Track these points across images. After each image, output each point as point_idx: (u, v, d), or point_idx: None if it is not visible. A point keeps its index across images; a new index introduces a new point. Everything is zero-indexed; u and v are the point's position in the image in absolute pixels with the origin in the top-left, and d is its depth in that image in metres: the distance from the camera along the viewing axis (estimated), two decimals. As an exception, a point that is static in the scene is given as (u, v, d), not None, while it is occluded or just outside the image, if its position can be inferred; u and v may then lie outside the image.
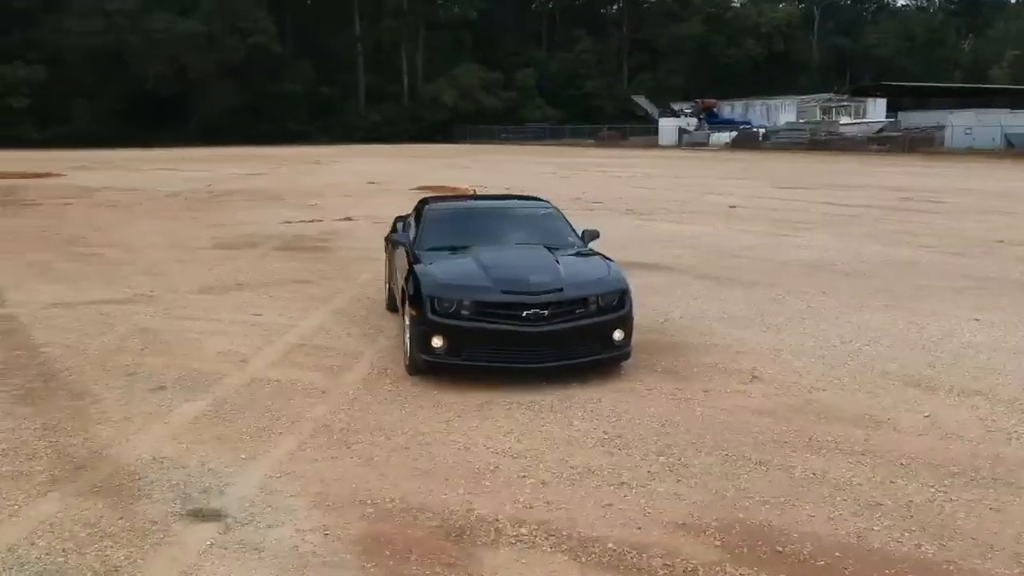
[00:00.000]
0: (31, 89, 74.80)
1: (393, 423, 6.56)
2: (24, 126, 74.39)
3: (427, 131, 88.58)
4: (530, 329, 7.12)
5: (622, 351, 7.52)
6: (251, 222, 20.11)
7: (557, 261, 7.85)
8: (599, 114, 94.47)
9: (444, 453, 6.00)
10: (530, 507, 5.18)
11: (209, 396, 7.16)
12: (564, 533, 4.85)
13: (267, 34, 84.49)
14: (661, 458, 5.91)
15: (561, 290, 7.30)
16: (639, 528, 4.94)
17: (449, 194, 21.85)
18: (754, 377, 7.63)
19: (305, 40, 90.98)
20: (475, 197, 11.45)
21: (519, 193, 13.53)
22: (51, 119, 75.94)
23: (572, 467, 5.75)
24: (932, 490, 5.39)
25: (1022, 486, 5.46)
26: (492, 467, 5.77)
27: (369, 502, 5.23)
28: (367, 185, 31.67)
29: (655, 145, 72.23)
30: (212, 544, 4.71)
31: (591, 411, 6.79)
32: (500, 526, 4.94)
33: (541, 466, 5.77)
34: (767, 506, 5.20)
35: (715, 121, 75.15)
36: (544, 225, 9.01)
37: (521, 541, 4.77)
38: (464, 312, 7.21)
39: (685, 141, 71.68)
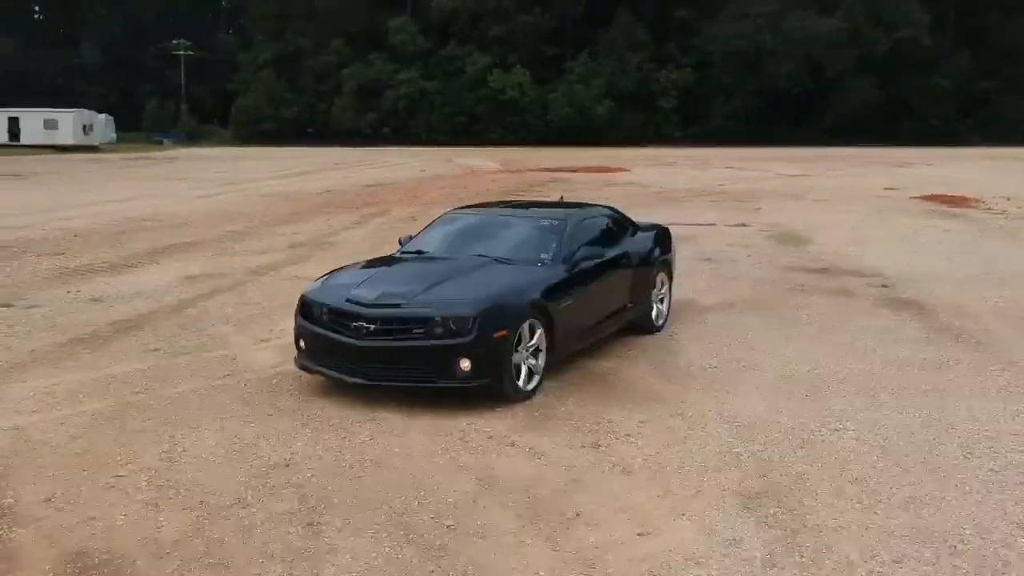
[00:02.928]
0: (678, 91, 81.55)
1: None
2: (668, 124, 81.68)
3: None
4: (354, 342, 6.58)
5: (466, 384, 6.41)
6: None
7: (462, 277, 7.09)
8: None
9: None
10: None
11: None
12: None
13: (916, 26, 79.55)
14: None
15: (398, 306, 6.60)
16: None
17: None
18: None
19: (966, 30, 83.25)
20: (509, 204, 10.03)
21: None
22: (692, 118, 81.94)
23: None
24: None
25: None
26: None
27: None
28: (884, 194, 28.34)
29: None
30: None
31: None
32: None
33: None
34: None
35: None
36: (529, 237, 7.99)
37: None
38: (322, 318, 6.88)
39: None
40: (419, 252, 8.10)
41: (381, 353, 6.50)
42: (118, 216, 19.75)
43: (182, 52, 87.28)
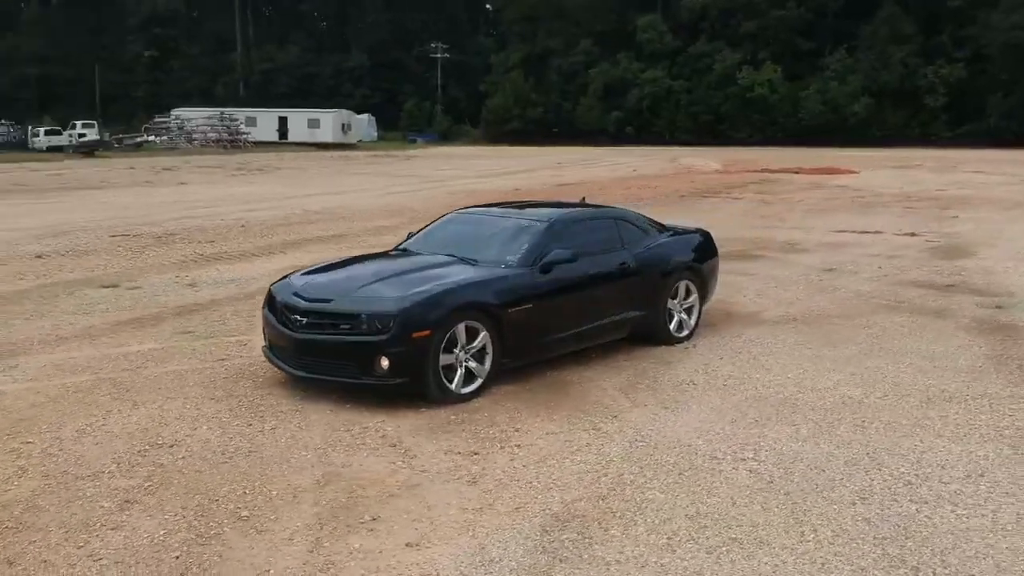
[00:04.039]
0: (948, 87, 75.26)
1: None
2: (936, 123, 75.70)
3: None
4: (290, 334, 6.81)
5: (386, 382, 6.47)
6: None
7: (407, 276, 7.11)
8: None
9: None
10: None
11: None
12: None
13: None
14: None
15: (330, 301, 6.76)
16: None
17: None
18: None
19: None
20: (513, 204, 9.54)
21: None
22: (964, 117, 75.31)
23: None
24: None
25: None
26: None
27: None
28: None
29: None
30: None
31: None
32: None
33: None
34: None
35: None
36: (506, 238, 7.80)
37: None
38: (276, 311, 7.15)
39: None
40: (404, 250, 8.21)
41: (312, 347, 6.67)
42: (298, 209, 21.28)
43: (439, 55, 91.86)
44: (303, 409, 6.53)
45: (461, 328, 6.64)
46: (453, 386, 6.63)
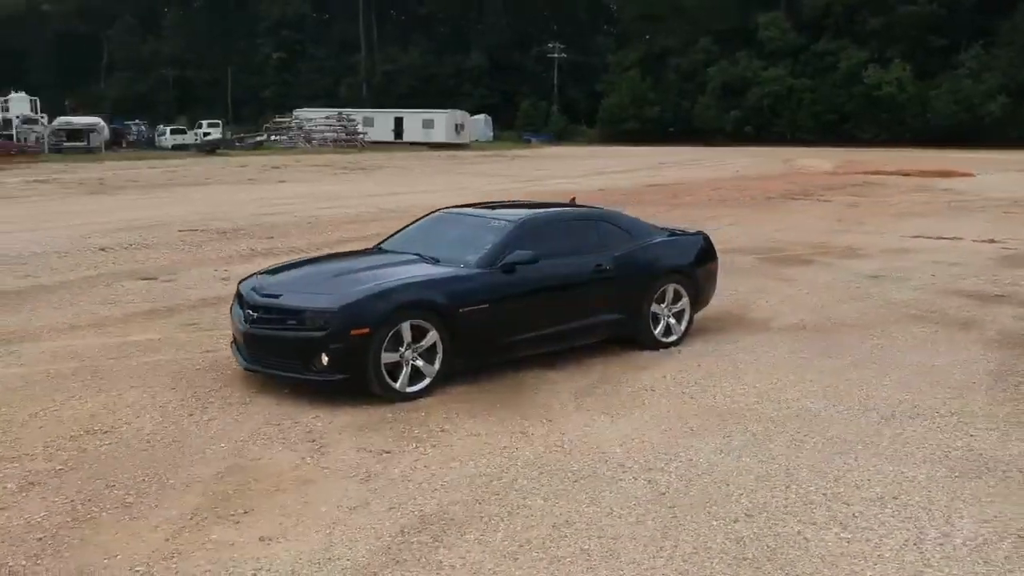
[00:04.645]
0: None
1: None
2: None
3: None
4: (243, 328, 6.97)
5: (326, 378, 6.56)
6: None
7: (361, 273, 7.18)
8: None
9: None
10: None
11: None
12: None
13: None
14: None
15: (279, 296, 6.89)
16: None
17: None
18: None
19: None
20: (496, 204, 9.29)
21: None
22: None
23: None
24: None
25: None
26: None
27: None
28: None
29: None
30: None
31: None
32: None
33: None
34: None
35: None
36: (472, 238, 7.73)
37: None
38: (238, 305, 7.33)
39: None
40: (378, 248, 8.27)
41: (261, 341, 6.81)
42: (373, 207, 21.69)
43: (556, 55, 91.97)
44: (251, 402, 6.67)
45: (406, 326, 6.64)
46: (398, 384, 6.64)
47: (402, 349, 6.66)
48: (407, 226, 8.70)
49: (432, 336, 6.76)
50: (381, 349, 6.53)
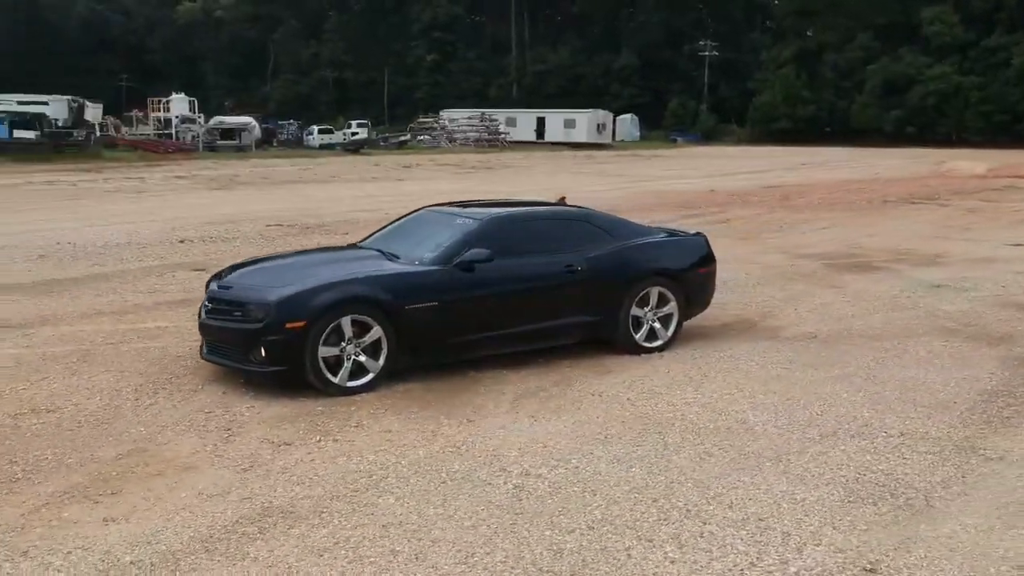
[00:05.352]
0: None
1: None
2: None
3: None
4: (201, 319, 7.22)
5: (263, 369, 6.71)
6: None
7: (314, 268, 7.32)
8: None
9: None
10: None
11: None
12: None
13: None
14: None
15: (230, 288, 7.11)
16: None
17: None
18: None
19: None
20: (477, 203, 8.97)
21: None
22: None
23: None
24: None
25: None
26: None
27: None
28: None
29: None
30: None
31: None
32: None
33: None
34: None
35: None
36: (435, 236, 7.69)
37: None
38: None
39: None
40: (353, 245, 8.37)
41: (211, 332, 7.05)
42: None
43: (707, 53, 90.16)
44: (200, 390, 6.89)
45: (346, 321, 6.70)
46: (337, 379, 6.71)
47: (343, 344, 6.72)
48: (390, 223, 8.75)
49: (376, 332, 6.79)
50: (318, 343, 6.61)
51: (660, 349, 8.01)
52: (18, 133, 41.01)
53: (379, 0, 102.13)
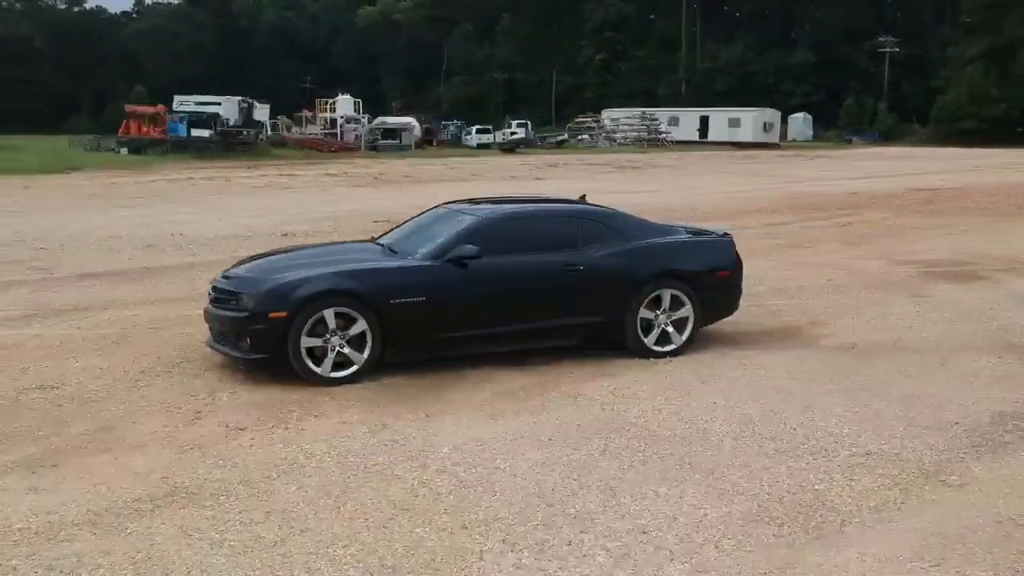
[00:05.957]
0: None
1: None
2: None
3: None
4: (206, 307, 7.49)
5: (249, 356, 6.97)
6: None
7: (311, 260, 7.55)
8: None
9: None
10: None
11: None
12: None
13: None
14: None
15: (230, 278, 7.39)
16: None
17: None
18: None
19: None
20: (496, 199, 8.56)
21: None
22: None
23: None
24: None
25: None
26: None
27: None
28: None
29: None
30: None
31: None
32: None
33: None
34: None
35: None
36: (438, 232, 7.71)
37: None
38: None
39: None
40: (371, 240, 8.50)
41: (210, 319, 7.36)
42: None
43: (887, 49, 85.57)
44: (200, 375, 7.21)
45: (329, 313, 6.84)
46: (320, 369, 6.87)
47: (327, 335, 6.86)
48: (411, 219, 8.84)
49: (360, 325, 6.90)
50: (301, 333, 6.78)
51: (672, 354, 7.71)
52: (195, 132, 44.06)
53: (552, 1, 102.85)
